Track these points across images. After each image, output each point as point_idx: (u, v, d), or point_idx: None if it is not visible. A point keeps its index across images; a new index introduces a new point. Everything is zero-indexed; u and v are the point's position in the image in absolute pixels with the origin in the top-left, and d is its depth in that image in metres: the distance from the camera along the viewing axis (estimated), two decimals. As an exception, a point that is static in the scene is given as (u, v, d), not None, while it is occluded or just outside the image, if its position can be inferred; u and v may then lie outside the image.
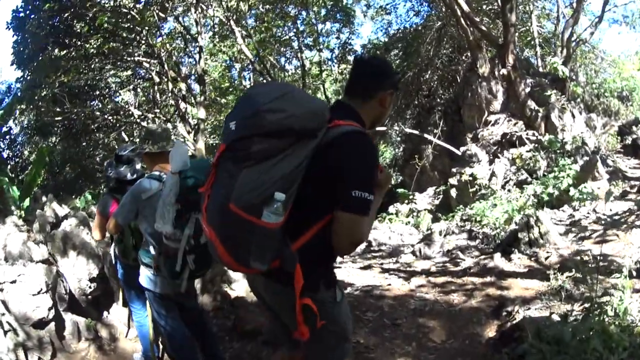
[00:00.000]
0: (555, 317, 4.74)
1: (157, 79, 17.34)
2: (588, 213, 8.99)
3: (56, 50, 14.95)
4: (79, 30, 14.68)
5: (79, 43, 14.90)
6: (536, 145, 12.35)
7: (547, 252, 7.01)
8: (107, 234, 4.13)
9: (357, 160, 2.11)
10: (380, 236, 11.34)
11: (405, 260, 8.40)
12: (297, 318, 2.13)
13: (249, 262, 2.06)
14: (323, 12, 21.59)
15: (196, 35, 16.61)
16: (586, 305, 4.30)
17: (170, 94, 17.75)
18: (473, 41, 15.10)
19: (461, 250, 8.37)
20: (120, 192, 3.99)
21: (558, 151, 11.68)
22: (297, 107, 2.03)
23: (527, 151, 12.28)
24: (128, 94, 20.38)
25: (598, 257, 5.67)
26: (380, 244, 10.81)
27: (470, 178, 12.80)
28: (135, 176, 4.18)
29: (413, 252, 8.73)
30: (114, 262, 4.48)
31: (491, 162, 13.19)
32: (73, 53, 15.09)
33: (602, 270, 5.57)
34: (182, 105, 17.50)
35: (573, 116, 13.38)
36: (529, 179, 11.41)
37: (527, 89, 13.92)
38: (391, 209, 16.27)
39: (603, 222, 7.72)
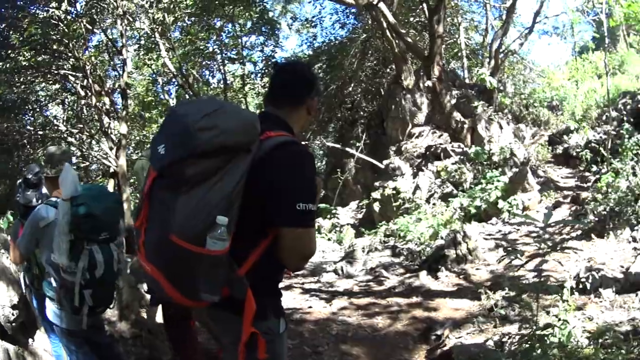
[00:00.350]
0: (490, 344, 4.24)
1: (82, 93, 16.64)
2: (518, 226, 8.70)
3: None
4: (14, 42, 14.26)
5: (12, 55, 14.39)
6: (462, 157, 12.13)
7: (477, 269, 6.59)
8: None
9: (296, 172, 2.00)
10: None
11: (327, 280, 7.77)
12: (240, 348, 1.98)
13: (199, 295, 1.91)
14: (249, 24, 21.05)
15: (121, 47, 16.00)
16: (525, 331, 3.81)
17: (94, 109, 17.09)
18: (398, 53, 14.86)
19: (385, 267, 7.83)
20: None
21: (485, 163, 11.47)
22: (229, 122, 1.89)
23: (452, 163, 12.01)
24: (57, 108, 19.76)
25: (535, 274, 5.24)
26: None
27: (394, 192, 12.42)
28: (40, 202, 3.77)
29: (335, 271, 8.10)
30: (24, 291, 4.19)
31: (415, 175, 12.85)
32: (7, 65, 14.57)
33: (539, 288, 5.15)
34: (106, 120, 16.84)
35: (501, 127, 13.26)
36: (455, 192, 11.10)
37: (453, 101, 13.76)
38: (313, 223, 15.71)
39: (535, 235, 7.40)
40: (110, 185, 17.65)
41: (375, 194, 13.33)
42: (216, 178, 1.85)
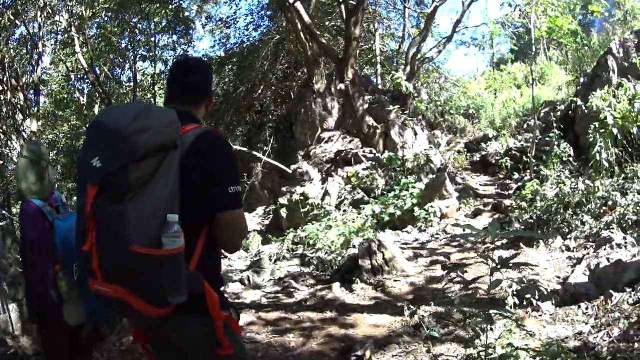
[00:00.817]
0: (422, 368, 3.72)
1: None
2: (437, 234, 8.34)
3: None
4: None
5: None
6: (374, 163, 11.76)
7: (395, 281, 6.10)
8: None
9: (223, 158, 2.11)
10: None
11: (234, 290, 6.99)
12: (219, 335, 2.03)
13: (167, 299, 1.90)
14: (164, 23, 20.19)
15: (38, 41, 14.86)
16: (465, 352, 3.31)
17: (9, 105, 15.83)
18: (311, 56, 14.38)
19: (294, 278, 7.16)
20: None
21: (399, 169, 11.15)
22: (160, 120, 1.93)
23: (363, 169, 11.61)
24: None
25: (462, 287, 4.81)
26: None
27: (302, 197, 11.85)
28: None
29: (242, 280, 7.35)
30: None
31: (324, 180, 12.35)
32: None
33: (466, 302, 4.71)
34: (20, 116, 15.95)
35: (415, 133, 13.02)
36: (367, 199, 10.67)
37: (366, 106, 13.41)
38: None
39: (455, 242, 7.05)
40: None
41: (283, 200, 12.72)
42: (156, 178, 1.87)
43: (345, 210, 10.46)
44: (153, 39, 20.44)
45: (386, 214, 9.45)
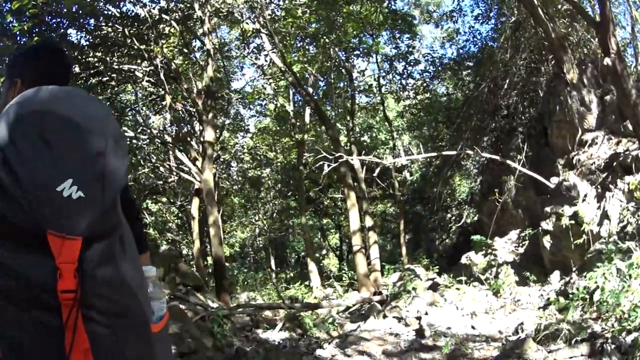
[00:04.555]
0: None
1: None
2: None
3: None
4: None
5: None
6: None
7: None
8: None
9: None
10: (436, 317, 7.90)
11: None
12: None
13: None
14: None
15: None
16: None
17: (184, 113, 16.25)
18: (555, 39, 11.44)
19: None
20: None
21: None
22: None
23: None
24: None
25: None
26: (437, 333, 7.35)
27: (572, 222, 9.07)
28: None
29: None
30: None
31: (600, 197, 9.33)
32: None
33: None
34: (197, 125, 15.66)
35: None
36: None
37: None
38: (464, 259, 12.76)
39: None
40: (194, 206, 15.86)
41: (546, 224, 10.09)
42: None
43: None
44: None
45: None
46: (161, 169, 16.26)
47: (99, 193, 1.23)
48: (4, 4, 9.22)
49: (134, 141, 14.96)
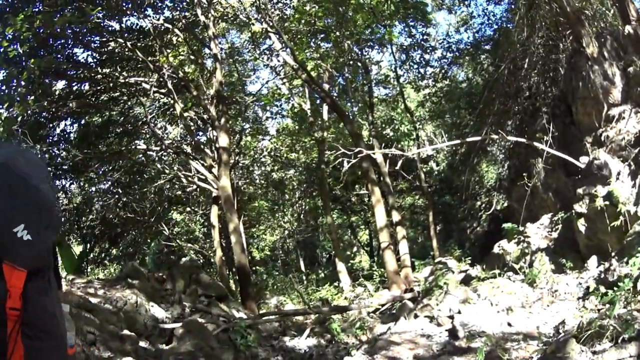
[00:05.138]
0: None
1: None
2: None
3: None
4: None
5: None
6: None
7: None
8: None
9: None
10: (470, 315, 7.54)
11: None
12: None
13: None
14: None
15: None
16: None
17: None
18: (571, 14, 10.97)
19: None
20: None
21: None
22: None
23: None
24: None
25: None
26: (471, 333, 6.99)
27: (606, 202, 8.58)
28: None
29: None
30: None
31: (634, 174, 8.83)
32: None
33: None
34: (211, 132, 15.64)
35: None
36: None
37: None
38: (496, 248, 12.34)
39: None
40: (214, 214, 15.59)
41: (579, 206, 9.57)
42: None
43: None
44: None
45: None
46: (182, 178, 16.11)
47: (42, 239, 1.49)
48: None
49: (149, 153, 14.89)
